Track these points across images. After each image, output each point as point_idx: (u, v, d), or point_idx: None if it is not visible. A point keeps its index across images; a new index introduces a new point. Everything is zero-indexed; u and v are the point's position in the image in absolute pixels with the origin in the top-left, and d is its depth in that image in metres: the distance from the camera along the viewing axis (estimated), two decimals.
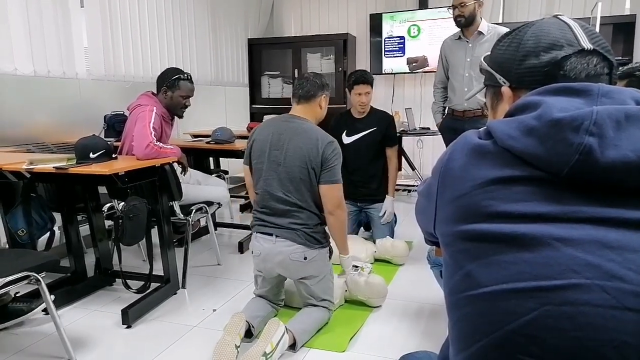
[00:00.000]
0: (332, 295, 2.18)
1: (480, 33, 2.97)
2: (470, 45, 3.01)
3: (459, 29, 3.07)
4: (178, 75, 2.79)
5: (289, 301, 2.32)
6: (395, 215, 3.30)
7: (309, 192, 2.04)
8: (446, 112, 3.27)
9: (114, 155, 2.38)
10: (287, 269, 2.06)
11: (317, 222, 2.08)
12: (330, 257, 2.17)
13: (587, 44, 0.75)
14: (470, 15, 2.92)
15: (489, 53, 0.89)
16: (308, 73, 2.27)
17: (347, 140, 3.14)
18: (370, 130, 3.11)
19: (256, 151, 2.11)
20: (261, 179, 2.08)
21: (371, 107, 3.15)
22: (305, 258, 2.02)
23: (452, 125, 3.13)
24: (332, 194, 2.06)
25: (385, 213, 3.15)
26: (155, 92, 2.83)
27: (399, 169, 4.96)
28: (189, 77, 2.84)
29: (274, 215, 2.05)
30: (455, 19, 3.01)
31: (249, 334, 1.98)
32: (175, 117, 2.93)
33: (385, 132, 3.13)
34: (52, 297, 1.83)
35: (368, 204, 3.21)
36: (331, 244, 2.17)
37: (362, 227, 3.40)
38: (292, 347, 1.94)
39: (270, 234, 2.05)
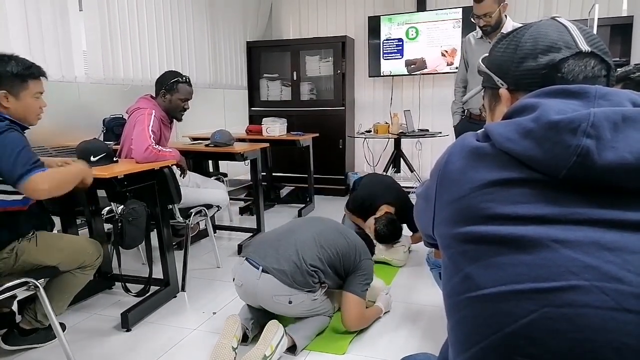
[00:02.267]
0: (327, 308, 2.10)
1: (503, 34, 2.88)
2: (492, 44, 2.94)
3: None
4: (177, 78, 2.79)
5: None
6: None
7: (333, 257, 2.02)
8: (465, 114, 3.19)
9: (114, 159, 2.39)
10: (270, 307, 1.99)
11: (316, 267, 1.98)
12: (321, 293, 2.06)
13: (584, 47, 0.75)
14: (497, 22, 2.78)
15: (487, 55, 0.89)
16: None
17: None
18: None
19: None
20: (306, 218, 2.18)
21: None
22: (290, 302, 1.92)
23: (468, 128, 3.04)
24: (354, 308, 2.02)
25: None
26: (154, 95, 2.84)
27: (398, 171, 4.98)
28: (187, 80, 2.84)
29: (276, 247, 1.99)
30: (481, 29, 2.88)
31: (244, 338, 1.97)
32: (174, 120, 2.93)
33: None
34: None
35: None
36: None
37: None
38: (292, 350, 1.93)
39: (257, 266, 1.94)
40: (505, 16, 2.82)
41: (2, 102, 1.74)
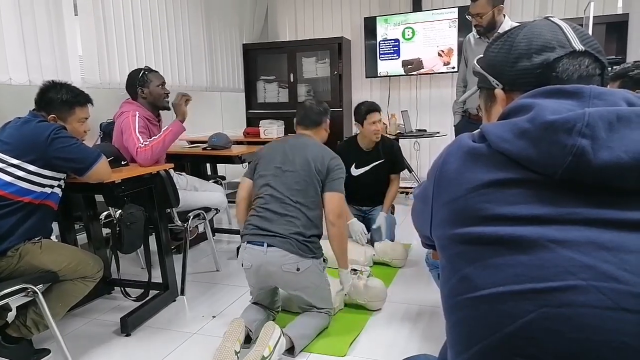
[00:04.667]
0: (329, 303, 2.15)
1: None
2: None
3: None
4: (142, 71, 2.79)
5: (287, 306, 2.32)
6: (394, 217, 3.33)
7: (313, 197, 2.07)
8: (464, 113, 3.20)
9: (123, 162, 2.40)
10: (279, 280, 2.04)
11: (313, 234, 2.06)
12: (324, 268, 2.14)
13: (578, 46, 0.75)
14: (489, 24, 2.77)
15: (482, 55, 0.89)
16: (309, 102, 2.34)
17: (356, 172, 3.19)
18: (379, 162, 3.18)
19: (263, 163, 2.16)
20: (265, 184, 2.10)
21: None
22: (298, 269, 1.97)
23: (466, 128, 3.06)
24: (334, 202, 2.09)
25: (379, 227, 3.12)
26: (133, 98, 2.82)
27: None
28: (150, 68, 2.86)
29: (270, 220, 2.04)
30: (474, 27, 2.89)
31: (247, 339, 1.97)
32: (162, 121, 2.91)
33: (394, 161, 3.21)
34: None
35: (371, 207, 3.29)
36: (325, 255, 2.16)
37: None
38: (291, 351, 1.93)
39: (261, 243, 2.00)
40: (504, 16, 2.81)
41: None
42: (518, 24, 0.85)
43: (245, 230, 2.11)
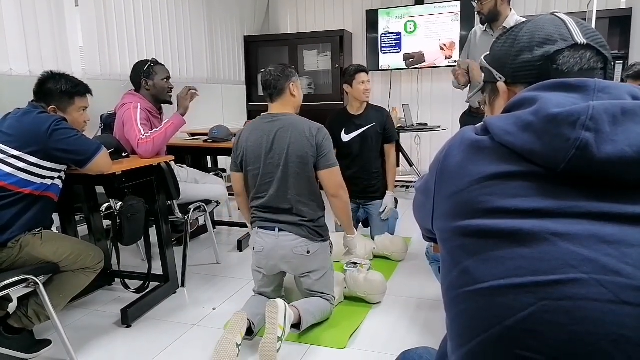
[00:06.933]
0: (333, 290, 2.20)
1: (505, 29, 2.80)
2: (493, 40, 2.87)
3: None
4: (148, 63, 2.77)
5: (288, 298, 2.32)
6: (396, 211, 3.32)
7: (310, 184, 2.07)
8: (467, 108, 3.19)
9: (123, 154, 2.39)
10: (290, 263, 2.08)
11: (320, 215, 2.11)
12: (331, 252, 2.19)
13: (580, 39, 0.75)
14: (491, 12, 2.72)
15: (488, 53, 0.90)
16: (269, 68, 2.13)
17: (346, 138, 3.13)
18: (369, 126, 3.11)
19: (250, 157, 2.09)
20: (260, 184, 2.08)
21: (367, 103, 3.15)
22: (308, 252, 2.04)
23: (469, 122, 3.06)
24: (332, 178, 2.10)
25: (385, 208, 3.14)
26: (135, 90, 2.80)
27: (397, 165, 4.97)
28: (157, 61, 2.84)
29: (277, 213, 2.07)
30: (477, 14, 2.84)
31: (249, 332, 1.98)
32: (164, 114, 2.90)
33: (384, 127, 3.14)
34: None
35: (367, 200, 3.20)
36: (331, 239, 2.18)
37: (360, 224, 3.39)
38: (297, 327, 1.95)
39: (273, 229, 2.06)
40: (510, 9, 2.77)
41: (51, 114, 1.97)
42: (525, 20, 0.85)
43: (254, 218, 2.14)
